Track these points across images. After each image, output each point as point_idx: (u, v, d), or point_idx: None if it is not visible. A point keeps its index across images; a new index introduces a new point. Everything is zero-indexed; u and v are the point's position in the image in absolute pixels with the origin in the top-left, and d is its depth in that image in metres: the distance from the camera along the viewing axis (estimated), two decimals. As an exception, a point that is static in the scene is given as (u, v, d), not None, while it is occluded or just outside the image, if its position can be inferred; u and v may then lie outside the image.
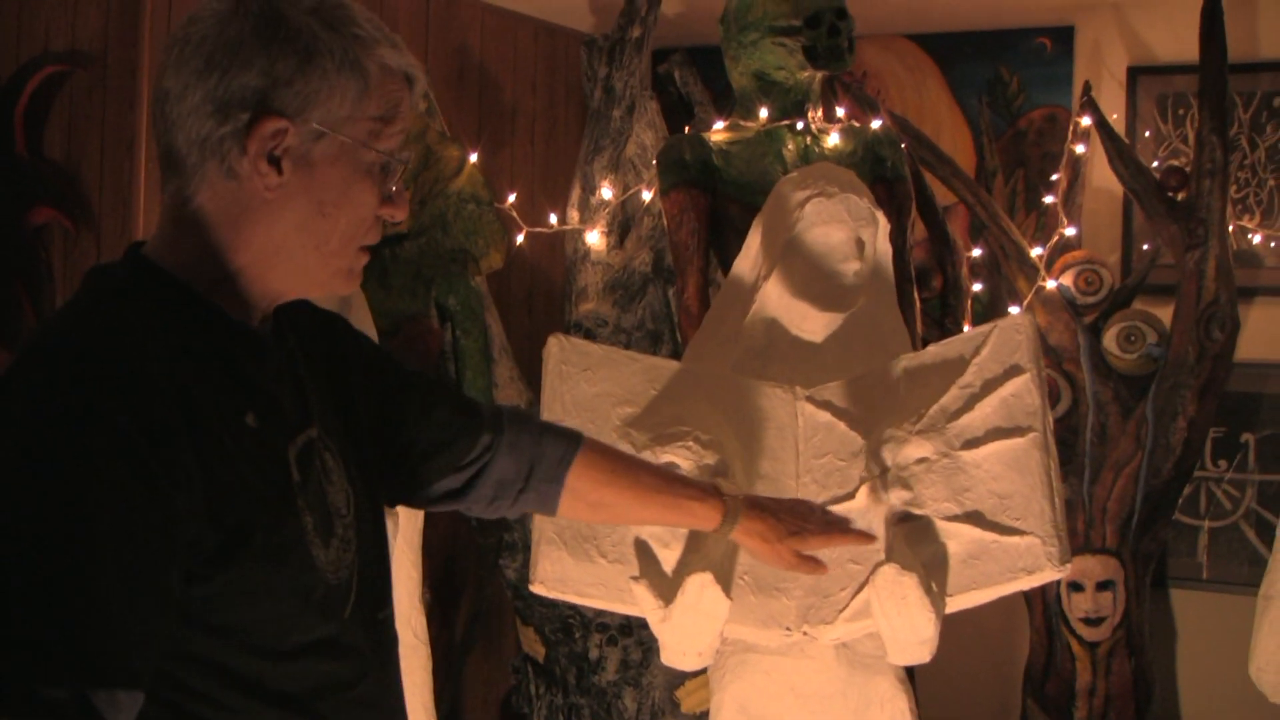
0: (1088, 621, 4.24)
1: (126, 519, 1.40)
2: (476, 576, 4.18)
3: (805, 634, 2.49)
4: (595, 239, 4.27)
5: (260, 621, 1.55)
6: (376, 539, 1.77)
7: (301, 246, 1.58)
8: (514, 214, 4.14)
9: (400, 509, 2.84)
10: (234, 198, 1.55)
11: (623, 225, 4.34)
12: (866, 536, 2.37)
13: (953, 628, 2.51)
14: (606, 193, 4.24)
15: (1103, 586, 4.23)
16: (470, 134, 4.68)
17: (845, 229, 2.73)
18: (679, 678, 4.11)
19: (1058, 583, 4.23)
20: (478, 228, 4.10)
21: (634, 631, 4.13)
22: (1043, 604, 4.34)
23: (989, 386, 2.47)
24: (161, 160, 1.58)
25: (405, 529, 2.93)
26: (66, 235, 3.84)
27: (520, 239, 4.20)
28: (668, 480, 2.17)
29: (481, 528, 4.17)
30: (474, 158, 4.15)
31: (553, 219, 4.28)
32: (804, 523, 2.24)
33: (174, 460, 1.44)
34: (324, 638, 1.62)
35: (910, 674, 2.89)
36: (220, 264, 1.57)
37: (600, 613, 4.06)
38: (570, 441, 2.06)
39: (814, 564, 2.27)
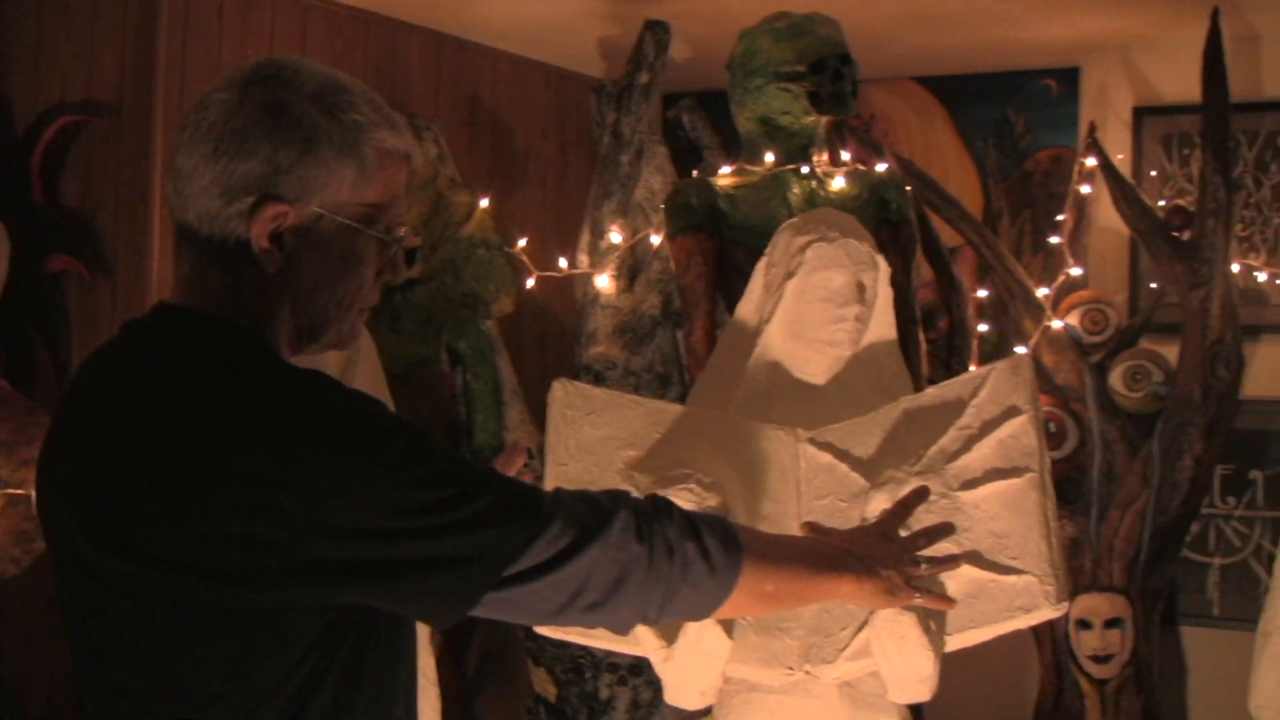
0: (1096, 659, 4.25)
1: None
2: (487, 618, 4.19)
3: (808, 673, 2.51)
4: (605, 283, 4.31)
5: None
6: None
7: (305, 313, 1.69)
8: (524, 258, 4.18)
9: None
10: (242, 271, 1.65)
11: (632, 269, 4.38)
12: None
13: (961, 666, 2.53)
14: (616, 237, 4.28)
15: (1111, 624, 4.23)
16: (482, 179, 4.73)
17: (846, 273, 2.76)
18: (688, 717, 4.12)
19: (1066, 620, 4.24)
20: (488, 272, 4.14)
21: (644, 672, 4.14)
22: (1052, 642, 4.35)
23: (987, 428, 2.49)
24: (177, 234, 1.69)
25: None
26: (83, 283, 3.89)
27: (531, 283, 4.23)
28: None
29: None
30: (485, 203, 4.20)
31: (563, 263, 4.32)
32: None
33: None
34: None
35: (917, 712, 2.90)
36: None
37: (611, 653, 4.07)
38: None
39: None
